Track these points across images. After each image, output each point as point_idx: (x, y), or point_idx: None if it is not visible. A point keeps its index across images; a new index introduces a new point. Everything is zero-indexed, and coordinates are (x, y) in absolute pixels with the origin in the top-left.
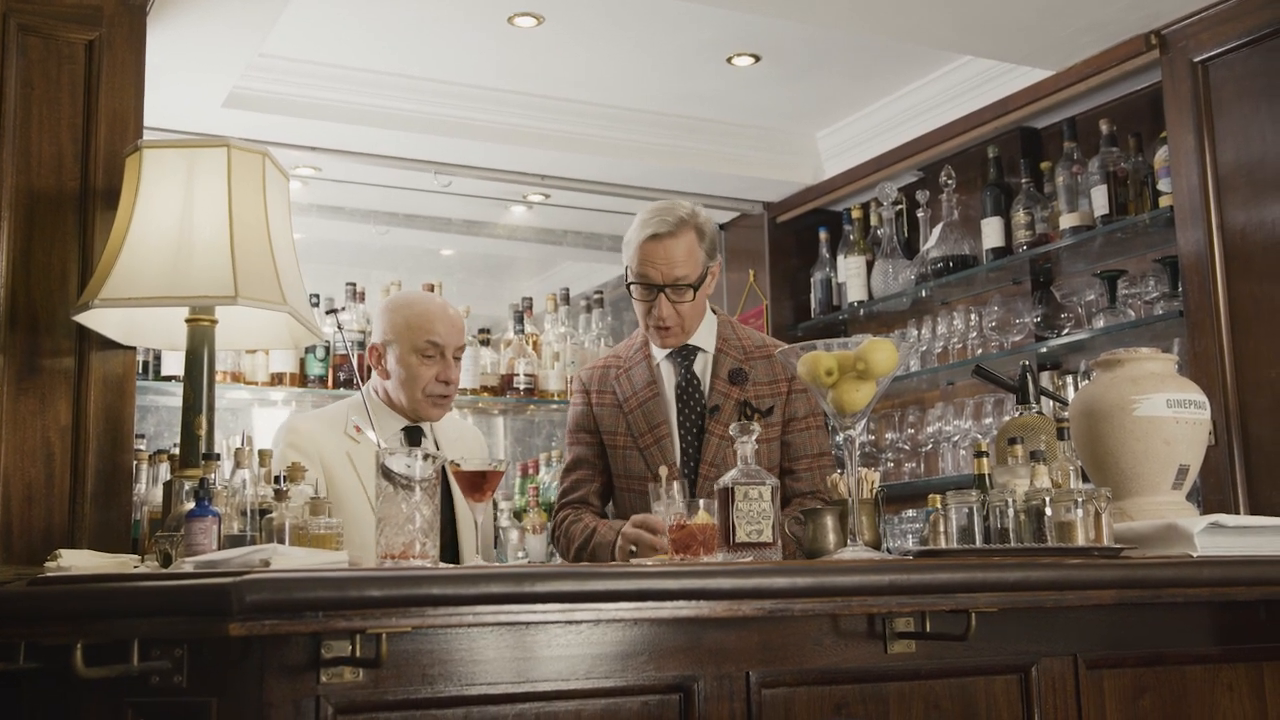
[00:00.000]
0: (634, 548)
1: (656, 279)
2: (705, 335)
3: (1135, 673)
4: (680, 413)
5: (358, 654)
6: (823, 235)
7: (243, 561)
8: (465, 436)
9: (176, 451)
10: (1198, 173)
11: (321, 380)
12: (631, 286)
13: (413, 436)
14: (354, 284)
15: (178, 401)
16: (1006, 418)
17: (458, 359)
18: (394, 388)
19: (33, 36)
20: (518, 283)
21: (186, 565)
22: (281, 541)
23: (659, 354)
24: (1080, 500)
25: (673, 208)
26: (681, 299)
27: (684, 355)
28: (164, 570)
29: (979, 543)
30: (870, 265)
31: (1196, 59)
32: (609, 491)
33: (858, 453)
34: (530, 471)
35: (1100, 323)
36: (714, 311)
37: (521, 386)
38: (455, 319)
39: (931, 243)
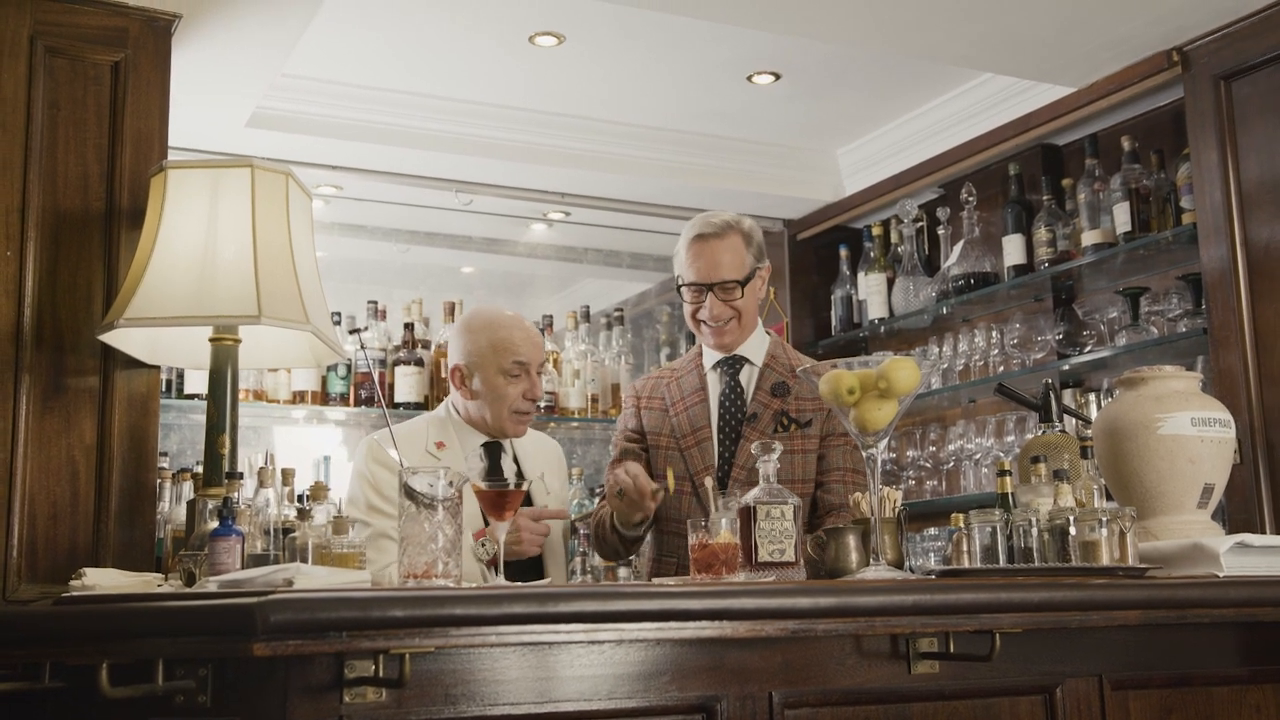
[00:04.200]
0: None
1: (704, 278)
2: (755, 348)
3: (1161, 694)
4: (721, 418)
5: (381, 674)
6: (843, 252)
7: (266, 581)
8: (545, 449)
9: (199, 470)
10: (1221, 189)
11: (343, 398)
12: (682, 289)
13: (492, 451)
14: (375, 302)
15: (200, 419)
16: (1029, 436)
17: (540, 373)
18: (478, 406)
19: (59, 58)
20: (538, 300)
21: (210, 584)
22: (304, 560)
23: (709, 364)
24: (1105, 519)
25: (718, 213)
26: (730, 297)
27: (732, 365)
28: (188, 590)
29: (1002, 562)
30: (891, 282)
31: (1219, 75)
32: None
33: (880, 471)
34: None
35: (1123, 340)
36: (767, 333)
37: (542, 404)
38: (534, 334)
39: (952, 260)
